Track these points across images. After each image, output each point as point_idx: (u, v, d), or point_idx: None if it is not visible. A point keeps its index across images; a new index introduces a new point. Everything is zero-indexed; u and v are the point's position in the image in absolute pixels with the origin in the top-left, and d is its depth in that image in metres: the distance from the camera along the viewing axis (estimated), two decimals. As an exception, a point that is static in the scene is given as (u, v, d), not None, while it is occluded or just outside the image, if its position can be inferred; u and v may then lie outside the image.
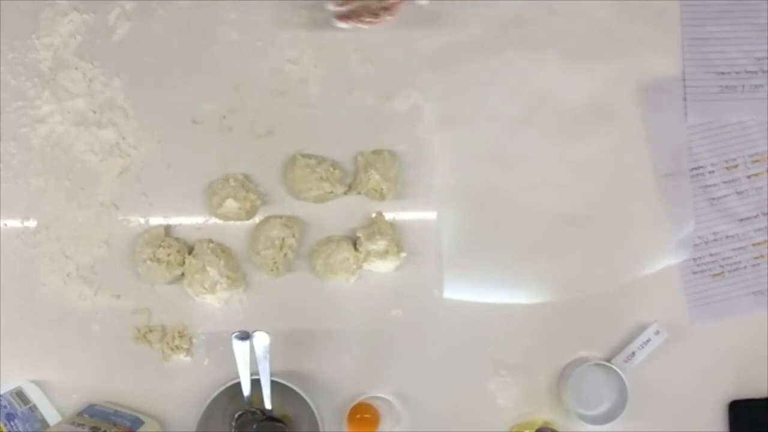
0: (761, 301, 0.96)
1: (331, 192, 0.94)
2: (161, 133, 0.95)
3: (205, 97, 0.95)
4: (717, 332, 0.95)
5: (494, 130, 0.96)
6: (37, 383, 0.92)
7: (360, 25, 0.91)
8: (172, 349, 0.92)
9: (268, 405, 0.88)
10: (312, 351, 0.93)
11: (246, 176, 0.94)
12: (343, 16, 0.90)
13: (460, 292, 0.94)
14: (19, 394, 0.90)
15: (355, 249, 0.92)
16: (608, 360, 0.92)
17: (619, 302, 0.95)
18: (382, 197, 0.94)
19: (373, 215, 0.94)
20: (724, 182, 0.97)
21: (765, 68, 0.97)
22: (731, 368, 0.95)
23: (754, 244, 0.96)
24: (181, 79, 0.95)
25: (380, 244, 0.91)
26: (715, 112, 0.97)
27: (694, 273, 0.96)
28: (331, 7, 0.90)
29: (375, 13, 0.90)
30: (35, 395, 0.91)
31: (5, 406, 0.87)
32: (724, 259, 0.96)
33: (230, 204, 0.92)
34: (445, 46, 0.96)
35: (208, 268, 0.90)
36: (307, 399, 0.88)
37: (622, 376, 0.90)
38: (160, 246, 0.91)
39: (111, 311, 0.93)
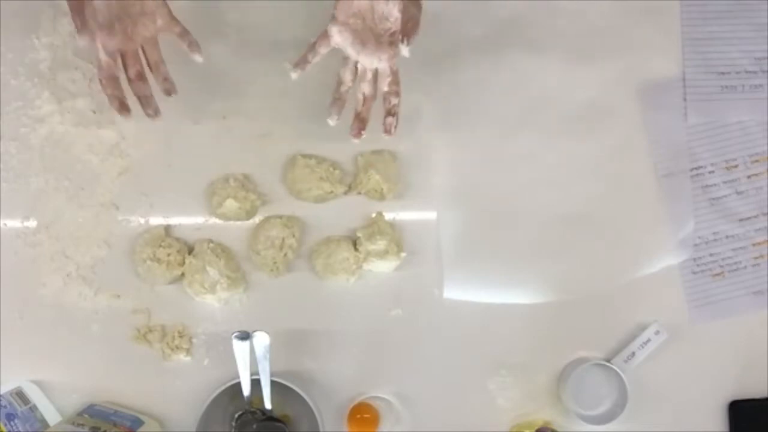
0: (761, 301, 0.96)
1: (331, 192, 0.94)
2: (161, 133, 0.95)
3: (205, 98, 0.95)
4: (717, 332, 0.95)
5: (494, 130, 0.96)
6: (37, 383, 0.92)
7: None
8: (172, 349, 0.92)
9: (268, 405, 0.88)
10: (312, 351, 0.93)
11: (246, 176, 0.94)
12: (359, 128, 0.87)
13: (460, 292, 0.94)
14: (19, 394, 0.89)
15: (355, 249, 0.92)
16: (608, 360, 0.92)
17: (619, 302, 0.95)
18: (382, 197, 0.94)
19: (373, 215, 0.94)
20: (724, 182, 0.97)
21: (765, 68, 0.97)
22: (731, 368, 0.95)
23: (754, 244, 0.96)
24: (181, 80, 0.95)
25: (380, 244, 0.91)
26: (715, 112, 0.97)
27: (694, 273, 0.96)
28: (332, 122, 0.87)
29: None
30: (35, 395, 0.91)
31: (5, 406, 0.87)
32: (724, 259, 0.96)
33: (230, 204, 0.92)
34: (445, 46, 0.96)
35: (208, 268, 0.90)
36: (307, 399, 0.88)
37: (622, 376, 0.90)
38: (160, 246, 0.91)
39: (111, 311, 0.93)
